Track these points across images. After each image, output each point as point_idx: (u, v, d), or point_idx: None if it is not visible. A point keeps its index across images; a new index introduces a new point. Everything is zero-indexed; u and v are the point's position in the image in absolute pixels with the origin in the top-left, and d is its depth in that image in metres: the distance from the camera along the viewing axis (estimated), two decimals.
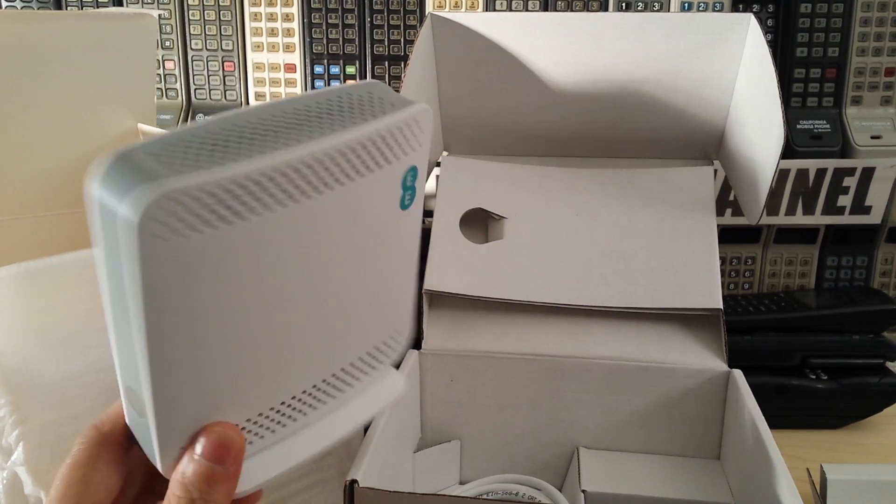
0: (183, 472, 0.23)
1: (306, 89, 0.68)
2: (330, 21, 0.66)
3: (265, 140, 0.22)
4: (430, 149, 0.27)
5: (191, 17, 0.67)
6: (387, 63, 0.66)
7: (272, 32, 0.67)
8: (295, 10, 0.66)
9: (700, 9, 0.63)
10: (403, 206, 0.26)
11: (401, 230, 0.27)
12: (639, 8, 0.64)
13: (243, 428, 0.25)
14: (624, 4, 0.64)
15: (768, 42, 0.44)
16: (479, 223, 0.51)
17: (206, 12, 0.67)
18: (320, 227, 0.24)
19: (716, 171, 0.51)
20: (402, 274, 0.28)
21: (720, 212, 0.62)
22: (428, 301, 0.48)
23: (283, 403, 0.26)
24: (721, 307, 0.45)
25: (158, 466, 0.24)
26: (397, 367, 0.30)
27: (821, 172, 0.62)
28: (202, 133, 0.22)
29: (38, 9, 0.68)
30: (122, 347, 0.23)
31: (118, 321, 0.22)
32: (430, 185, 0.57)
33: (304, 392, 0.26)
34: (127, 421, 0.25)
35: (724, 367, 0.44)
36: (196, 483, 0.23)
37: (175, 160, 0.20)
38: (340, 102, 0.24)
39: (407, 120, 0.25)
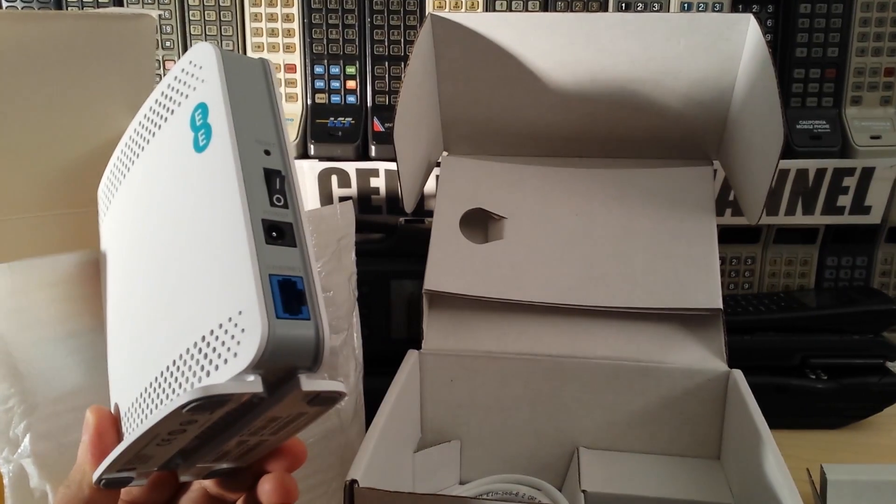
0: None
1: (306, 89, 0.68)
2: (330, 21, 0.66)
3: None
4: (428, 147, 0.26)
5: (191, 18, 0.67)
6: (387, 63, 0.66)
7: (272, 33, 0.67)
8: (295, 10, 0.66)
9: (700, 9, 0.63)
10: (198, 148, 0.23)
11: (200, 176, 0.23)
12: (638, 8, 0.64)
13: (131, 409, 0.25)
14: (624, 5, 0.64)
15: (768, 42, 0.44)
16: (479, 223, 0.51)
17: (206, 12, 0.67)
18: (142, 195, 0.26)
19: (715, 171, 0.51)
20: (218, 234, 0.22)
21: (720, 212, 0.62)
22: (428, 301, 0.48)
23: (134, 402, 0.25)
24: (721, 307, 0.45)
25: None
26: (276, 378, 0.21)
27: (820, 172, 0.62)
28: None
29: (39, 9, 0.67)
30: None
31: None
32: (430, 185, 0.57)
33: (156, 378, 0.23)
34: None
35: (724, 367, 0.44)
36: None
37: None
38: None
39: (180, 65, 0.24)
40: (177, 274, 0.23)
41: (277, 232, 0.22)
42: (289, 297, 0.21)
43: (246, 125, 0.23)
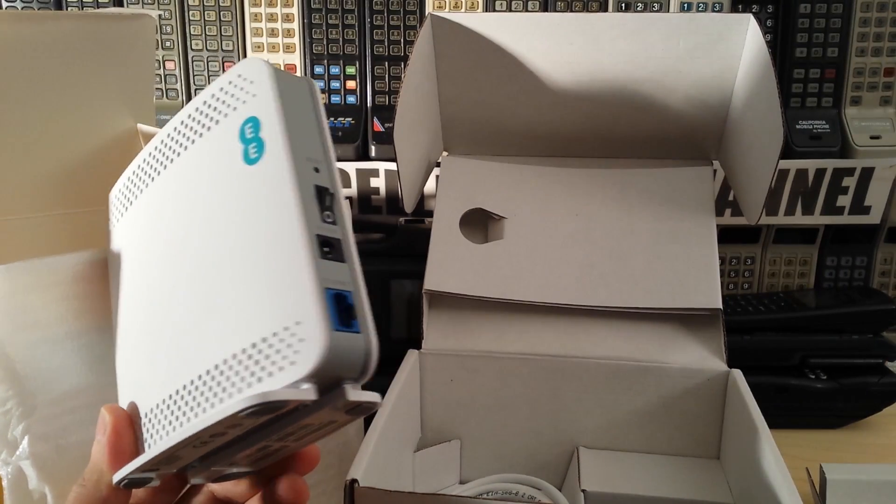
0: None
1: None
2: (330, 21, 0.66)
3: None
4: (428, 147, 0.26)
5: (191, 18, 0.67)
6: (387, 63, 0.66)
7: (272, 33, 0.67)
8: (295, 10, 0.66)
9: (699, 9, 0.63)
10: (249, 160, 0.23)
11: (253, 188, 0.23)
12: (638, 8, 0.64)
13: (149, 418, 0.25)
14: (623, 5, 0.64)
15: (768, 42, 0.44)
16: (479, 223, 0.51)
17: (206, 12, 0.67)
18: (175, 203, 0.26)
19: (715, 171, 0.51)
20: (272, 247, 0.22)
21: (720, 212, 0.62)
22: (428, 301, 0.48)
23: (159, 406, 0.25)
24: (721, 307, 0.45)
25: None
26: (325, 384, 0.21)
27: (820, 172, 0.62)
28: None
29: (39, 9, 0.67)
30: None
31: None
32: (430, 185, 0.57)
33: (175, 393, 0.24)
34: None
35: (723, 366, 0.44)
36: (90, 460, 0.26)
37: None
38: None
39: (227, 77, 0.25)
40: (222, 280, 0.23)
41: (329, 247, 0.22)
42: (342, 310, 0.21)
43: (298, 142, 0.23)
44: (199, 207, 0.24)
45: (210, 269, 0.23)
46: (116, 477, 0.25)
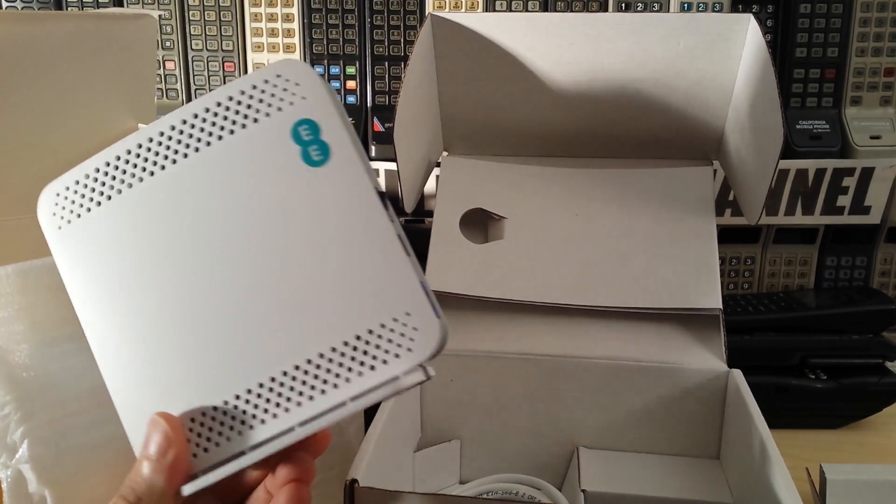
0: (137, 461, 0.25)
1: None
2: (330, 21, 0.66)
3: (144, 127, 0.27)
4: (428, 147, 0.26)
5: (191, 18, 0.67)
6: (387, 63, 0.66)
7: (272, 33, 0.67)
8: (295, 10, 0.66)
9: (699, 9, 0.63)
10: (312, 163, 0.24)
11: (323, 189, 0.24)
12: (638, 8, 0.64)
13: (203, 423, 0.25)
14: (623, 5, 0.64)
15: (768, 42, 0.44)
16: (479, 223, 0.51)
17: (206, 12, 0.67)
18: (202, 193, 0.25)
19: (715, 171, 0.51)
20: (363, 243, 0.24)
21: (720, 212, 0.62)
22: None
23: (239, 398, 0.25)
24: (721, 307, 0.45)
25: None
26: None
27: (820, 172, 0.62)
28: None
29: (39, 9, 0.68)
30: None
31: None
32: (431, 185, 0.57)
33: (262, 385, 0.24)
34: None
35: (723, 366, 0.44)
36: (139, 476, 0.24)
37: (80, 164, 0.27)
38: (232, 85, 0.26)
39: (262, 75, 0.25)
40: (306, 277, 0.24)
41: (403, 244, 0.25)
42: (433, 300, 0.24)
43: (358, 145, 0.25)
44: (250, 205, 0.24)
45: (286, 267, 0.24)
46: (190, 489, 0.24)
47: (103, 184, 0.25)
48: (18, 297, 0.29)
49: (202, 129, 0.25)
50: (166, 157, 0.25)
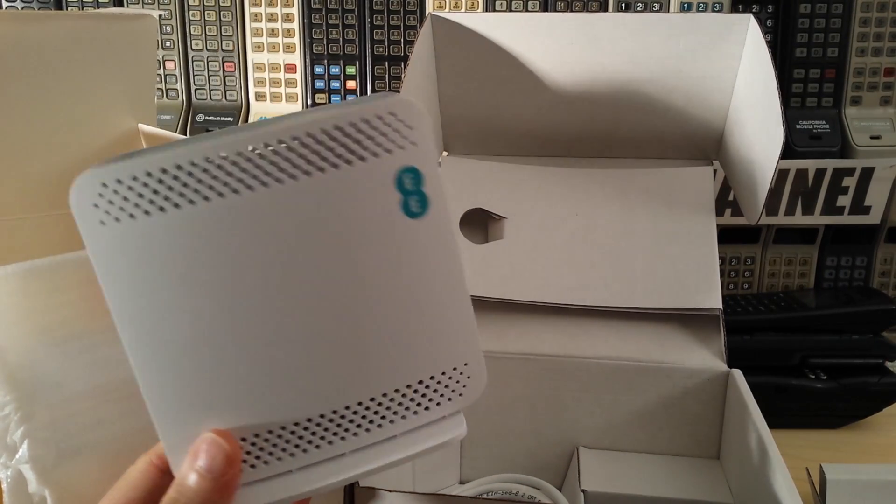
0: (183, 474, 0.24)
1: (306, 89, 0.68)
2: (330, 21, 0.66)
3: (220, 133, 0.22)
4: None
5: (191, 18, 0.67)
6: (387, 63, 0.66)
7: (272, 33, 0.67)
8: (295, 10, 0.66)
9: (699, 9, 0.63)
10: (410, 213, 0.24)
11: (416, 242, 0.24)
12: (638, 8, 0.64)
13: (255, 444, 0.25)
14: (623, 5, 0.64)
15: (768, 42, 0.44)
16: (479, 223, 0.51)
17: (206, 12, 0.67)
18: (291, 224, 0.23)
19: (715, 171, 0.51)
20: (441, 298, 0.25)
21: (720, 212, 0.62)
22: None
23: (297, 425, 0.25)
24: (720, 307, 0.45)
25: (170, 464, 0.25)
26: None
27: (820, 172, 0.62)
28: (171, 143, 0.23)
29: (39, 9, 0.68)
30: (124, 345, 0.23)
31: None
32: None
33: (323, 416, 0.25)
34: None
35: (723, 367, 0.44)
36: (189, 491, 0.24)
37: (125, 158, 0.22)
38: (331, 105, 0.24)
39: (375, 110, 0.23)
40: (381, 323, 0.25)
41: None
42: None
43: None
44: (341, 243, 0.24)
45: (367, 309, 0.24)
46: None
47: (171, 188, 0.22)
48: (18, 297, 0.29)
49: (303, 157, 0.22)
50: (255, 178, 0.22)
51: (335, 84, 0.67)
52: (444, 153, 0.54)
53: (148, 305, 0.23)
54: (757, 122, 0.45)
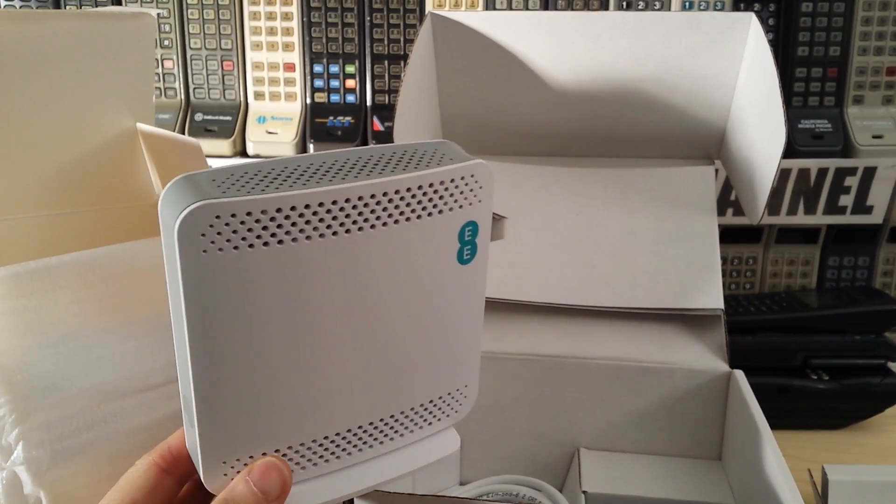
0: (233, 489, 0.25)
1: (306, 88, 0.68)
2: (329, 20, 0.66)
3: (317, 176, 0.24)
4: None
5: (190, 17, 0.67)
6: (386, 62, 0.66)
7: (271, 31, 0.67)
8: (294, 9, 0.66)
9: (701, 8, 0.63)
10: (462, 261, 0.27)
11: (459, 285, 0.27)
12: (639, 7, 0.64)
13: (285, 455, 0.26)
14: (624, 4, 0.64)
15: (769, 41, 0.44)
16: None
17: (205, 11, 0.67)
18: (369, 265, 0.25)
19: (717, 170, 0.50)
20: (464, 331, 0.28)
21: (721, 211, 0.62)
22: None
23: (327, 438, 0.27)
24: (722, 307, 0.45)
25: (201, 477, 0.25)
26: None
27: (822, 172, 0.62)
28: (264, 167, 0.24)
29: (37, 8, 0.67)
30: (180, 355, 0.24)
31: (176, 328, 0.24)
32: None
33: (349, 431, 0.27)
34: (184, 431, 0.27)
35: (725, 367, 0.44)
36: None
37: (230, 185, 0.23)
38: (404, 153, 0.26)
39: (461, 171, 0.26)
40: (410, 352, 0.27)
41: None
42: None
43: None
44: (401, 285, 0.26)
45: (404, 340, 0.27)
46: None
47: (280, 226, 0.23)
48: (13, 298, 0.29)
49: (396, 207, 0.25)
50: (354, 223, 0.24)
51: (334, 83, 0.66)
52: None
53: (230, 331, 0.24)
54: (759, 122, 0.45)
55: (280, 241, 0.23)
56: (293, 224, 0.23)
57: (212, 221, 0.22)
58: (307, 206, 0.23)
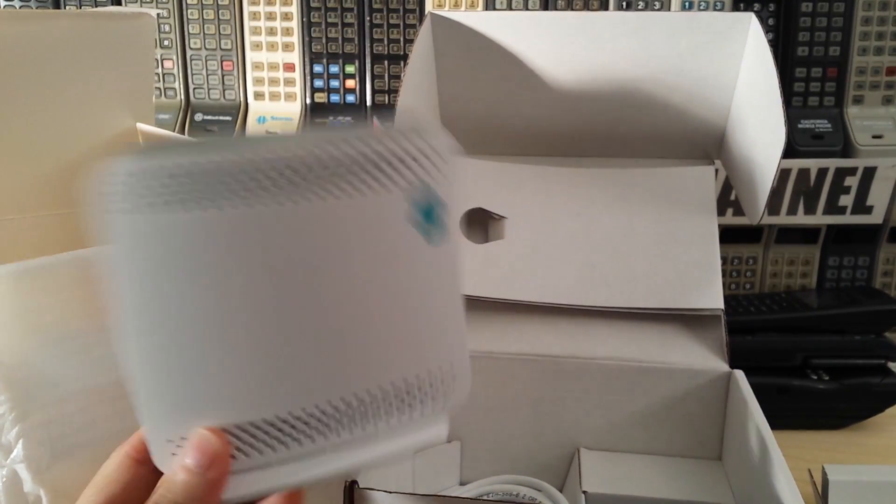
0: (174, 472, 0.24)
1: (305, 89, 0.68)
2: (329, 20, 0.66)
3: (251, 145, 0.23)
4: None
5: (189, 17, 0.67)
6: (386, 62, 0.66)
7: (271, 31, 0.67)
8: (294, 9, 0.66)
9: (701, 8, 0.63)
10: (432, 241, 0.25)
11: (427, 265, 0.26)
12: (639, 7, 0.64)
13: (236, 436, 0.25)
14: (624, 3, 0.64)
15: (769, 41, 0.44)
16: (479, 223, 0.51)
17: (204, 11, 0.67)
18: (311, 235, 0.24)
19: (717, 170, 0.50)
20: (433, 300, 0.26)
21: (721, 211, 0.62)
22: None
23: (279, 419, 0.25)
24: (722, 307, 0.44)
25: (153, 458, 0.25)
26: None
27: (822, 172, 0.62)
28: (205, 140, 0.23)
29: (37, 8, 0.67)
30: (113, 329, 0.24)
31: (107, 298, 0.23)
32: None
33: (304, 411, 0.25)
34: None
35: (725, 367, 0.44)
36: (178, 487, 0.24)
37: (155, 152, 0.22)
38: (355, 127, 0.25)
39: (418, 143, 0.24)
40: (376, 324, 0.25)
41: None
42: None
43: None
44: (360, 257, 0.24)
45: (366, 313, 0.25)
46: (230, 495, 0.25)
47: (199, 190, 0.22)
48: (13, 297, 0.29)
49: (338, 177, 0.23)
50: (272, 193, 0.23)
51: (334, 83, 0.66)
52: None
53: (155, 299, 0.23)
54: (758, 122, 0.45)
55: (202, 205, 0.22)
56: (215, 189, 0.22)
57: (125, 180, 0.22)
58: (221, 168, 0.22)
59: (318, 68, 0.67)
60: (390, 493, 0.32)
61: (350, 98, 0.66)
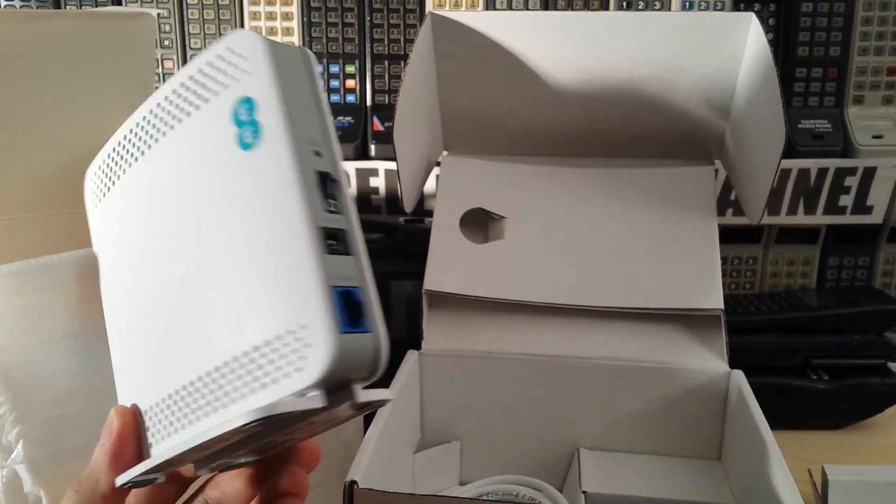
0: None
1: None
2: (329, 20, 0.66)
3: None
4: (428, 146, 0.25)
5: (190, 17, 0.67)
6: (386, 62, 0.66)
7: (271, 31, 0.67)
8: (294, 9, 0.66)
9: (701, 8, 0.63)
10: (244, 145, 0.21)
11: (248, 174, 0.21)
12: (639, 7, 0.64)
13: (151, 417, 0.25)
14: (625, 3, 0.64)
15: (770, 41, 0.44)
16: (479, 223, 0.51)
17: (205, 11, 0.67)
18: (157, 185, 0.23)
19: (717, 170, 0.50)
20: (274, 242, 0.21)
21: (721, 211, 0.62)
22: (428, 301, 0.47)
23: (164, 402, 0.24)
24: (722, 307, 0.44)
25: None
26: (333, 384, 0.20)
27: (822, 172, 0.62)
28: None
29: (37, 8, 0.67)
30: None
31: None
32: (430, 184, 0.57)
33: (192, 382, 0.23)
34: None
35: (725, 367, 0.44)
36: (93, 459, 0.26)
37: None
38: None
39: (215, 49, 0.22)
40: (220, 278, 0.21)
41: (335, 240, 0.21)
42: (350, 309, 0.20)
43: (298, 124, 0.21)
44: (189, 196, 0.22)
45: (206, 265, 0.22)
46: (119, 480, 0.25)
47: (105, 174, 0.23)
48: (14, 296, 0.29)
49: (168, 114, 0.23)
50: (134, 152, 0.24)
51: (334, 83, 0.66)
52: (444, 152, 0.54)
53: (108, 279, 0.26)
54: (759, 122, 0.45)
55: (113, 182, 0.25)
56: (122, 157, 0.25)
57: (92, 178, 0.27)
58: (125, 137, 0.25)
59: (318, 68, 0.67)
60: (390, 493, 0.32)
61: (350, 98, 0.66)
